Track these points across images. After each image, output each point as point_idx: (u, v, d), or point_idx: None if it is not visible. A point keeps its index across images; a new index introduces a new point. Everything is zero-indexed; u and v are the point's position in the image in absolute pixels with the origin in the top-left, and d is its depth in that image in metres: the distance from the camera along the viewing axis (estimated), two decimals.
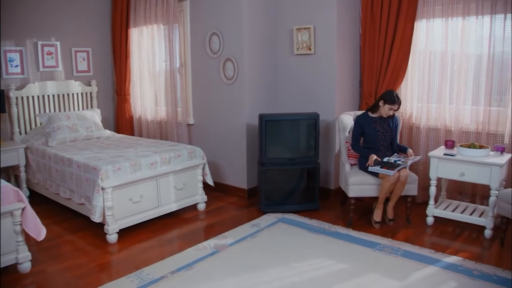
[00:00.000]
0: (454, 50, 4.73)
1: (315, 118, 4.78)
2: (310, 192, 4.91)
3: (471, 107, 4.72)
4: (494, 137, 4.61)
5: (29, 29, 5.63)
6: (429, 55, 4.88)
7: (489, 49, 4.49)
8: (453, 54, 4.74)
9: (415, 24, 4.86)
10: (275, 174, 4.86)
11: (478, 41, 4.57)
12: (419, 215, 4.67)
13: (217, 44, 5.29)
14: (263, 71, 5.38)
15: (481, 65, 4.59)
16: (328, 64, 5.11)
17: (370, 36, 5.12)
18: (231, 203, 5.24)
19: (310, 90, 5.30)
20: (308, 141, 4.86)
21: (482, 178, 4.09)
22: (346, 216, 4.68)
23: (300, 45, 5.25)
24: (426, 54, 4.90)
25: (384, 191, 4.28)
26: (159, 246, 4.07)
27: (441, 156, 4.28)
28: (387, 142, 4.53)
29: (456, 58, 4.72)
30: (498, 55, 4.46)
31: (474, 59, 4.65)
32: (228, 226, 4.47)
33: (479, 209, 4.50)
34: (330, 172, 5.34)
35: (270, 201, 4.85)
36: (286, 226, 4.45)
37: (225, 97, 5.36)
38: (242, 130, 5.25)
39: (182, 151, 4.75)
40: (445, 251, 3.87)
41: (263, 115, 4.74)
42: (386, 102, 4.38)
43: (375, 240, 4.09)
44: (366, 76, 5.23)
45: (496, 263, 3.68)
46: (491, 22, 4.45)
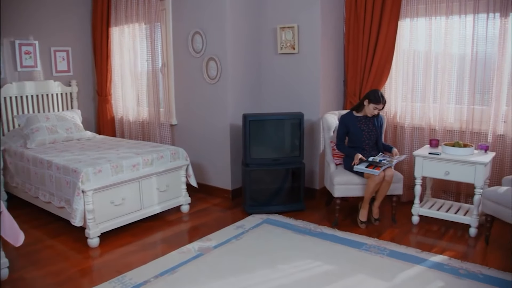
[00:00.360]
0: (437, 49, 4.73)
1: (300, 117, 4.73)
2: (295, 192, 4.86)
3: (455, 106, 4.74)
4: (477, 136, 4.62)
5: (6, 27, 5.46)
6: (413, 54, 4.88)
7: (472, 48, 4.50)
8: (437, 53, 4.75)
9: (399, 23, 4.85)
10: (259, 175, 4.81)
11: (462, 41, 4.58)
12: (404, 214, 4.66)
13: (200, 44, 5.21)
14: (247, 71, 5.32)
15: (464, 64, 4.61)
16: (312, 63, 5.07)
17: (354, 35, 5.10)
18: (215, 205, 5.17)
19: (294, 90, 5.26)
20: (292, 141, 4.82)
21: (467, 176, 4.09)
22: (332, 216, 4.65)
23: (284, 44, 5.21)
24: (410, 53, 4.90)
25: (370, 190, 4.25)
26: (142, 250, 3.98)
27: (426, 155, 4.27)
28: (372, 141, 4.50)
29: (440, 57, 4.73)
30: (481, 54, 4.48)
31: (458, 58, 4.66)
32: (213, 228, 4.40)
33: (463, 207, 4.51)
34: (315, 172, 5.30)
35: (255, 202, 4.80)
36: (271, 227, 4.39)
37: (208, 97, 5.28)
38: (226, 130, 5.18)
39: (164, 152, 4.66)
40: (431, 250, 3.86)
41: (247, 115, 4.68)
42: (371, 102, 4.36)
43: (361, 240, 4.06)
44: (350, 75, 5.21)
45: (482, 261, 3.68)
46: (474, 22, 4.46)
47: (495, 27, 4.39)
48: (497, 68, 4.42)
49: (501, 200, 3.72)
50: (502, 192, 3.76)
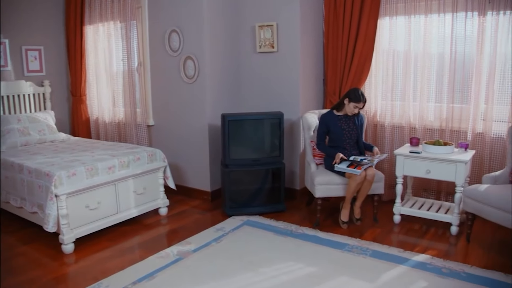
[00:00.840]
0: (417, 48, 4.72)
1: (279, 117, 4.66)
2: (275, 193, 4.79)
3: (435, 104, 4.73)
4: (457, 134, 4.62)
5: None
6: (393, 53, 4.86)
7: (451, 47, 4.50)
8: (416, 52, 4.73)
9: (378, 22, 4.82)
10: (239, 176, 4.71)
11: (441, 39, 4.58)
12: (385, 213, 4.63)
13: (177, 42, 5.09)
14: (225, 70, 5.22)
15: (443, 63, 4.61)
16: (291, 62, 5.00)
17: (333, 33, 5.05)
18: (194, 207, 5.06)
19: (273, 89, 5.19)
20: (272, 141, 4.75)
21: (448, 175, 4.08)
22: (313, 217, 4.59)
23: (263, 42, 5.13)
24: (389, 52, 4.88)
25: (351, 190, 4.20)
26: (119, 255, 3.85)
27: (407, 154, 4.25)
28: (352, 140, 4.46)
29: (419, 56, 4.71)
30: (460, 53, 4.48)
31: (437, 57, 4.66)
32: (192, 231, 4.29)
33: (444, 206, 4.50)
34: (295, 172, 5.24)
35: (235, 203, 4.70)
36: (252, 229, 4.31)
37: (186, 96, 5.17)
38: (204, 130, 5.08)
39: (141, 153, 4.53)
40: (413, 250, 3.83)
41: (226, 115, 4.59)
42: (351, 100, 4.31)
43: (343, 240, 4.01)
44: (329, 74, 5.16)
45: (464, 259, 3.67)
46: (452, 20, 4.46)
47: (473, 25, 4.40)
48: (475, 67, 4.43)
49: (482, 198, 3.71)
50: (483, 190, 3.75)
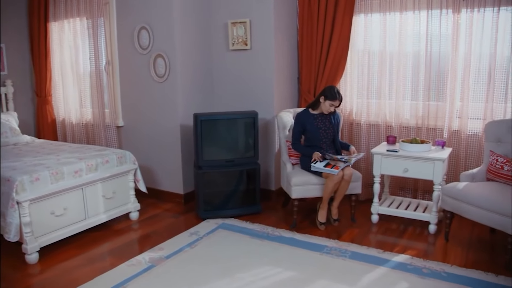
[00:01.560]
0: (392, 45, 4.67)
1: (254, 116, 4.53)
2: (250, 194, 4.65)
3: (411, 102, 4.69)
4: (433, 132, 4.59)
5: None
6: (368, 50, 4.80)
7: (427, 44, 4.46)
8: (392, 49, 4.68)
9: (353, 19, 4.74)
10: (212, 177, 4.56)
11: (416, 36, 4.53)
12: (363, 213, 4.56)
13: (147, 39, 4.90)
14: (197, 68, 5.06)
15: (419, 60, 4.56)
16: (265, 59, 4.88)
17: (307, 30, 4.95)
18: (167, 210, 4.88)
19: (247, 87, 5.05)
20: (246, 141, 4.61)
21: (426, 173, 4.03)
22: (290, 218, 4.48)
23: (236, 40, 4.99)
24: (365, 49, 4.81)
25: (329, 190, 4.11)
26: (87, 264, 3.64)
27: (384, 152, 4.18)
28: (329, 139, 4.37)
29: (395, 53, 4.66)
30: (435, 50, 4.45)
31: (412, 54, 4.60)
32: (165, 236, 4.11)
33: (422, 204, 4.46)
34: (270, 172, 5.12)
35: (209, 206, 4.55)
36: (227, 232, 4.16)
37: (156, 96, 4.98)
38: (176, 131, 4.90)
39: (110, 156, 4.33)
40: (392, 250, 3.76)
41: (198, 114, 4.42)
42: (327, 98, 4.21)
43: (321, 242, 3.90)
44: (304, 72, 5.06)
45: (443, 258, 3.62)
46: (427, 17, 4.42)
47: (448, 23, 4.36)
48: (450, 64, 4.40)
49: (461, 196, 3.66)
50: (462, 188, 3.71)
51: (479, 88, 4.33)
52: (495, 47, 4.18)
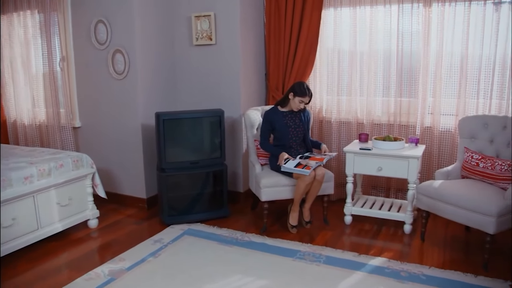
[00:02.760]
0: (363, 41, 4.52)
1: (219, 115, 4.28)
2: (217, 197, 4.41)
3: (382, 98, 4.55)
4: (406, 129, 4.46)
5: None
6: (338, 45, 4.63)
7: (398, 39, 4.34)
8: (362, 45, 4.53)
9: (322, 13, 4.57)
10: (177, 180, 4.28)
11: (387, 31, 4.40)
12: (335, 214, 4.39)
13: (104, 34, 4.57)
14: (159, 64, 4.77)
15: (390, 56, 4.43)
16: (231, 55, 4.64)
17: (275, 25, 4.74)
18: (129, 216, 4.57)
19: (212, 85, 4.80)
20: (212, 141, 4.36)
21: (400, 171, 3.88)
22: (259, 222, 4.27)
23: (200, 34, 4.73)
24: (335, 44, 4.64)
25: (300, 192, 3.91)
26: (41, 278, 3.30)
27: (357, 151, 4.01)
28: (299, 138, 4.17)
29: (365, 49, 4.51)
30: (407, 45, 4.32)
31: (383, 49, 4.46)
32: (126, 245, 3.81)
33: (396, 203, 4.32)
34: (238, 173, 4.88)
35: (174, 211, 4.27)
36: (194, 239, 3.90)
37: (116, 94, 4.66)
38: (137, 131, 4.60)
39: (65, 159, 3.99)
40: (368, 253, 3.60)
41: (160, 113, 4.14)
42: (296, 95, 4.01)
43: (294, 247, 3.70)
44: (272, 68, 4.86)
45: (421, 260, 3.48)
46: (398, 11, 4.29)
47: (419, 17, 4.24)
48: (422, 59, 4.28)
49: (437, 194, 3.53)
50: (438, 187, 3.58)
51: (451, 84, 4.24)
52: (466, 41, 4.08)
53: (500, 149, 3.70)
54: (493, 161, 3.56)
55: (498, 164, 3.51)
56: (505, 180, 3.47)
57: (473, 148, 3.81)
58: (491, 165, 3.55)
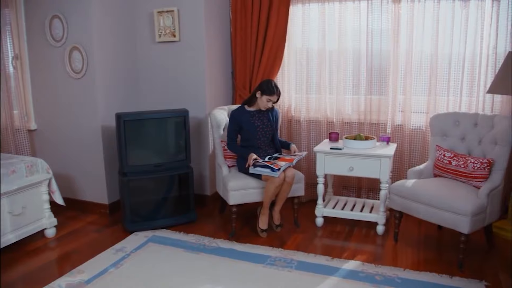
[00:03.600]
0: (331, 37, 4.41)
1: (184, 115, 4.09)
2: (183, 201, 4.20)
3: (352, 96, 4.45)
4: (376, 127, 4.38)
5: None
6: (307, 43, 4.50)
7: (367, 36, 4.25)
8: (331, 42, 4.42)
9: (290, 9, 4.43)
10: (140, 185, 4.05)
11: (356, 28, 4.30)
12: (306, 216, 4.27)
13: (60, 30, 4.30)
14: (120, 62, 4.52)
15: (360, 53, 4.35)
16: (195, 52, 4.44)
17: (241, 21, 4.57)
18: (90, 223, 4.31)
19: (177, 83, 4.59)
20: (177, 143, 4.16)
21: (372, 171, 3.78)
22: (228, 226, 4.09)
23: (163, 31, 4.51)
24: (303, 41, 4.51)
25: (269, 194, 3.75)
26: None
27: (328, 150, 3.89)
28: (267, 138, 4.01)
29: (335, 46, 4.41)
30: (376, 41, 4.24)
31: (353, 46, 4.36)
32: (86, 255, 3.57)
33: (367, 203, 4.23)
34: (205, 176, 4.69)
35: (137, 217, 4.05)
36: (158, 246, 3.69)
37: (73, 94, 4.39)
38: (97, 133, 4.35)
39: (17, 165, 3.70)
40: (341, 256, 3.47)
41: (121, 114, 3.91)
42: (264, 93, 3.85)
43: (264, 252, 3.54)
44: (238, 66, 4.69)
45: (395, 262, 3.39)
46: (368, 7, 4.21)
47: (388, 13, 4.16)
48: (392, 57, 4.20)
49: (410, 194, 3.44)
50: (411, 186, 3.48)
51: (421, 81, 4.18)
52: (436, 38, 4.03)
53: (472, 146, 3.65)
54: (465, 159, 3.49)
55: (471, 162, 3.44)
56: (477, 178, 3.40)
57: (445, 146, 3.74)
58: (464, 163, 3.48)
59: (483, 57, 3.92)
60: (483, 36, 3.88)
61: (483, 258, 3.44)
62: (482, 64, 3.94)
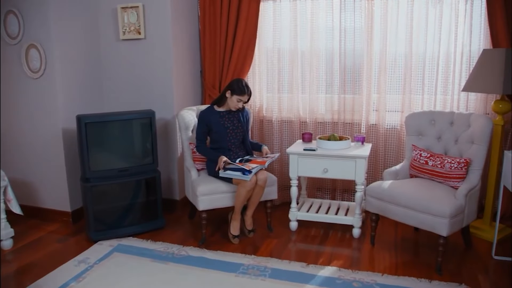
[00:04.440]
0: (304, 35, 4.26)
1: (150, 116, 3.88)
2: (151, 207, 3.99)
3: (325, 95, 4.31)
4: (350, 127, 4.25)
5: None
6: (278, 41, 4.35)
7: (340, 34, 4.12)
8: (303, 39, 4.28)
9: (261, 5, 4.26)
10: (104, 191, 3.81)
11: (329, 25, 4.17)
12: (279, 220, 4.12)
13: (16, 26, 4.02)
14: (82, 61, 4.27)
15: (333, 51, 4.20)
16: (162, 50, 4.23)
17: (210, 18, 4.38)
18: (52, 232, 4.05)
19: (143, 83, 4.37)
20: (143, 146, 3.95)
21: (347, 173, 3.64)
22: (198, 232, 3.91)
23: (127, 28, 4.28)
24: (274, 39, 4.35)
25: (241, 199, 3.57)
26: None
27: (301, 152, 3.74)
28: (238, 140, 3.83)
29: (307, 44, 4.26)
30: (350, 40, 4.09)
31: (325, 44, 4.22)
32: (47, 268, 3.31)
33: (342, 205, 4.10)
34: (173, 180, 4.48)
35: (102, 225, 3.82)
36: (124, 257, 3.47)
37: (32, 95, 4.11)
38: (58, 137, 4.09)
39: None
40: (317, 262, 3.33)
41: (82, 116, 3.67)
42: (234, 93, 3.67)
43: (236, 260, 3.36)
44: (208, 65, 4.50)
45: (373, 267, 3.26)
46: (341, 4, 4.08)
47: (362, 10, 4.04)
48: (365, 54, 4.09)
49: (387, 196, 3.32)
50: (387, 187, 3.36)
51: (396, 80, 4.08)
52: (410, 35, 3.94)
53: (448, 146, 3.55)
54: (442, 159, 3.39)
55: (448, 162, 3.35)
56: (455, 178, 3.31)
57: (421, 145, 3.64)
58: (440, 163, 3.38)
59: (457, 55, 3.85)
60: (457, 34, 3.81)
61: (461, 260, 3.35)
62: (456, 62, 3.86)
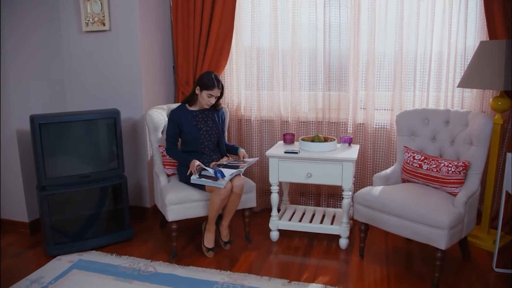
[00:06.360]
0: (285, 28, 3.92)
1: (114, 116, 3.48)
2: (118, 217, 3.60)
3: (309, 92, 3.97)
4: (336, 126, 3.92)
5: None
6: (258, 33, 3.98)
7: (325, 27, 3.80)
8: (284, 32, 3.92)
9: None
10: (63, 199, 3.39)
11: (312, 18, 3.83)
12: (259, 229, 3.77)
13: None
14: (40, 55, 3.84)
15: (316, 46, 3.85)
16: (129, 43, 3.84)
17: (183, 9, 4.01)
18: (7, 245, 3.63)
19: (109, 79, 3.97)
20: (108, 149, 3.55)
21: (333, 177, 3.30)
22: (169, 244, 3.53)
23: (91, 19, 3.88)
24: (254, 32, 3.99)
25: (215, 208, 3.20)
26: None
27: (282, 154, 3.38)
28: (212, 142, 3.46)
29: (288, 37, 3.90)
30: (335, 33, 3.75)
31: (308, 41, 3.87)
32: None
33: (328, 213, 3.76)
34: (143, 186, 4.09)
35: (62, 237, 3.41)
36: (84, 274, 3.07)
37: None
38: (12, 140, 3.67)
39: None
40: (300, 278, 2.98)
41: (36, 116, 3.25)
42: (203, 88, 3.30)
43: (210, 277, 2.99)
44: (181, 59, 4.12)
45: (363, 283, 2.93)
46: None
47: (347, 5, 3.69)
48: (352, 48, 3.75)
49: (378, 204, 2.98)
50: (377, 195, 3.03)
51: (385, 75, 3.76)
52: (401, 29, 3.62)
53: (444, 147, 3.23)
54: (437, 162, 3.07)
55: (444, 165, 3.02)
56: (452, 183, 2.98)
57: (414, 147, 3.31)
58: (436, 166, 3.06)
59: (451, 49, 3.53)
60: (452, 26, 3.49)
61: (459, 273, 3.04)
62: (450, 56, 3.55)
